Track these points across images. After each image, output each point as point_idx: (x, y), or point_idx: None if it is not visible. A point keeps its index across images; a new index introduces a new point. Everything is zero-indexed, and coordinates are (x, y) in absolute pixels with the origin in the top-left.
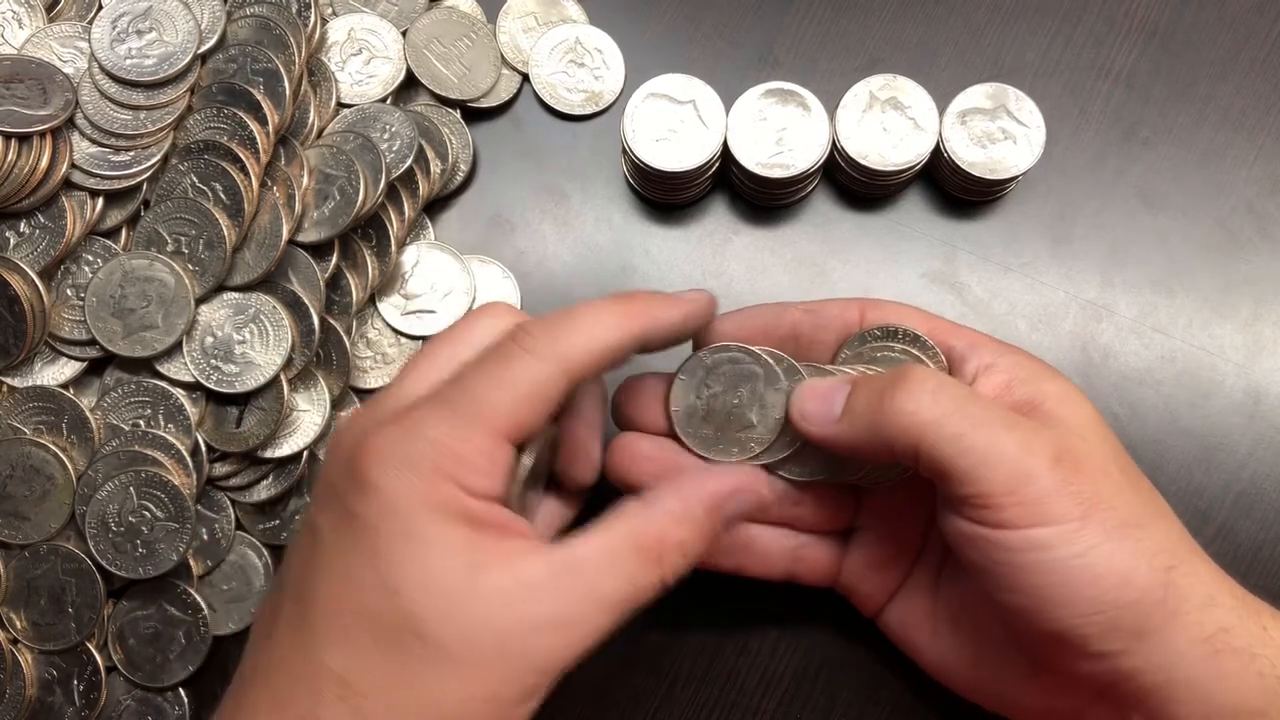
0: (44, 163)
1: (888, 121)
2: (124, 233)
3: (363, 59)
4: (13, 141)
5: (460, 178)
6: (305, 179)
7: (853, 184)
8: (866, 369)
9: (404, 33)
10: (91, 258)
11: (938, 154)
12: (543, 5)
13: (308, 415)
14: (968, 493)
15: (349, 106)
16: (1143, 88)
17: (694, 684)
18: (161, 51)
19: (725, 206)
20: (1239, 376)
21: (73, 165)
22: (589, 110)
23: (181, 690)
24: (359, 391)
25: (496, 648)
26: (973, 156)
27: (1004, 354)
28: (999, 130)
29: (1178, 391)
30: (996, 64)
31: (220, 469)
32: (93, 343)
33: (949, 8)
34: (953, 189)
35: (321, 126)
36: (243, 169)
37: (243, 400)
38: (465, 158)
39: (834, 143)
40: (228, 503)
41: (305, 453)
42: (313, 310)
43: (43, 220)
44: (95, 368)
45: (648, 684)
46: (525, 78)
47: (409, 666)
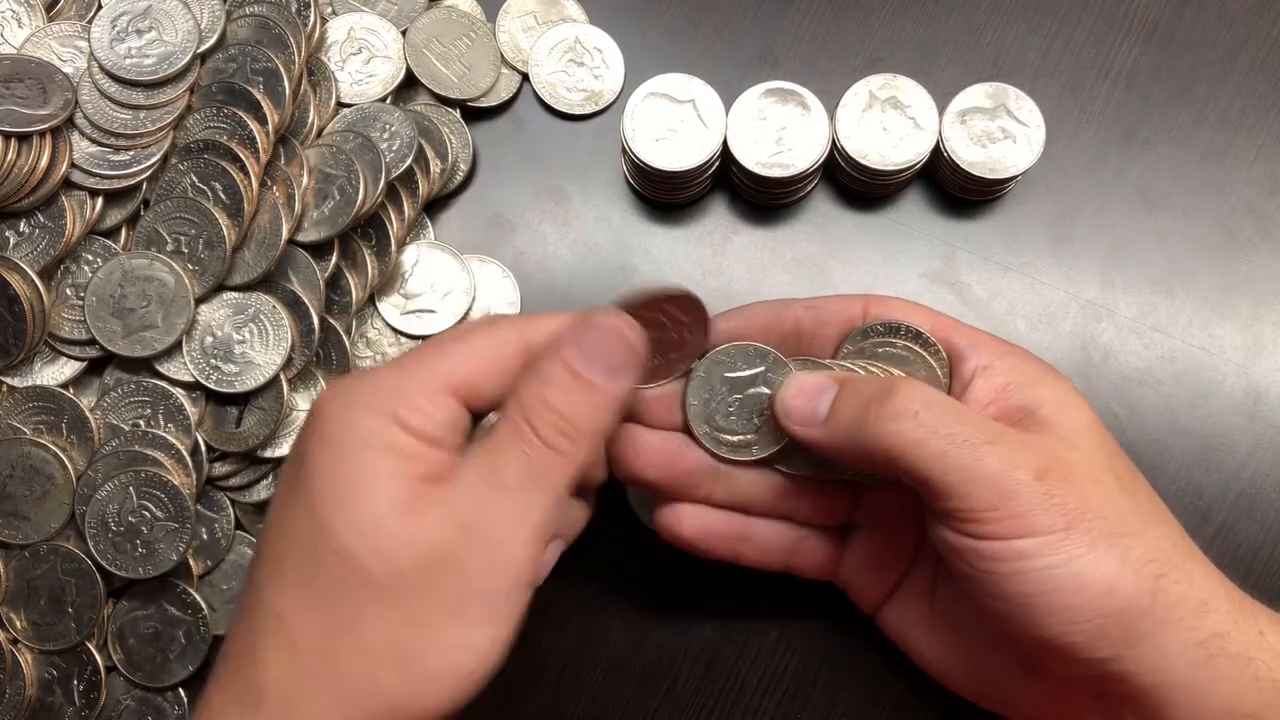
0: (44, 162)
1: (888, 121)
2: (124, 232)
3: (362, 58)
4: (13, 141)
5: (460, 177)
6: (305, 178)
7: (853, 183)
8: (868, 365)
9: (404, 32)
10: (91, 257)
11: (938, 153)
12: (542, 4)
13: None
14: (952, 507)
15: (349, 106)
16: (1143, 88)
17: (694, 684)
18: (161, 51)
19: (725, 206)
20: (1239, 376)
21: (72, 165)
22: (589, 110)
23: (181, 690)
24: None
25: (420, 576)
26: (973, 156)
27: (1004, 355)
28: (999, 130)
29: (1178, 391)
30: (996, 63)
31: (220, 469)
32: (93, 342)
33: (949, 8)
34: (953, 188)
35: (321, 126)
36: (242, 168)
37: (243, 400)
38: (465, 157)
39: (834, 142)
40: (228, 503)
41: None
42: (312, 310)
43: (42, 220)
44: (95, 367)
45: (648, 684)
46: (525, 77)
47: (333, 592)
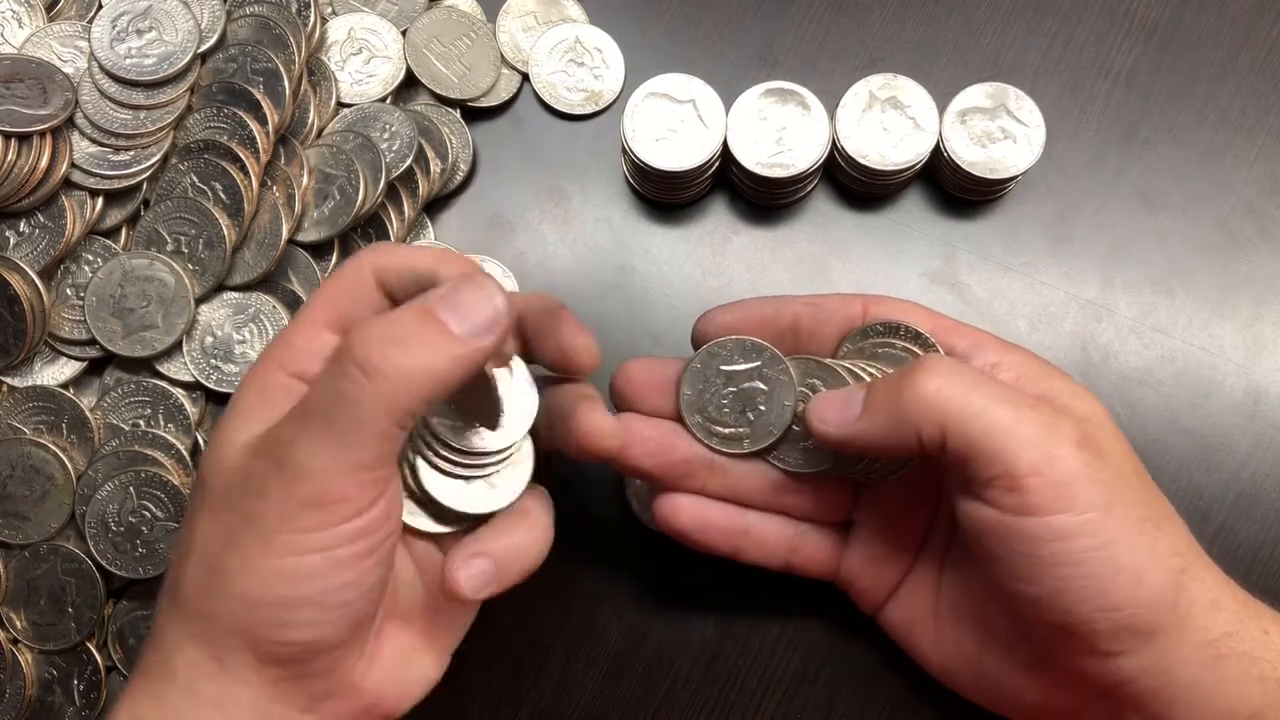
0: (44, 162)
1: (888, 121)
2: (124, 232)
3: (362, 58)
4: (13, 141)
5: (460, 177)
6: (305, 178)
7: (853, 183)
8: (867, 365)
9: (404, 32)
10: (91, 257)
11: (938, 153)
12: (542, 4)
13: None
14: (992, 474)
15: (349, 106)
16: (1143, 87)
17: (694, 684)
18: (161, 51)
19: (725, 206)
20: (1239, 376)
21: (73, 165)
22: (589, 110)
23: None
24: None
25: (232, 495)
26: (973, 156)
27: (1009, 353)
28: (999, 130)
29: (1178, 391)
30: (996, 63)
31: None
32: (93, 342)
33: (949, 8)
34: (953, 188)
35: (321, 126)
36: (243, 168)
37: None
38: (465, 157)
39: (834, 142)
40: None
41: None
42: None
43: (43, 220)
44: (95, 367)
45: (648, 684)
46: (525, 77)
47: (189, 514)
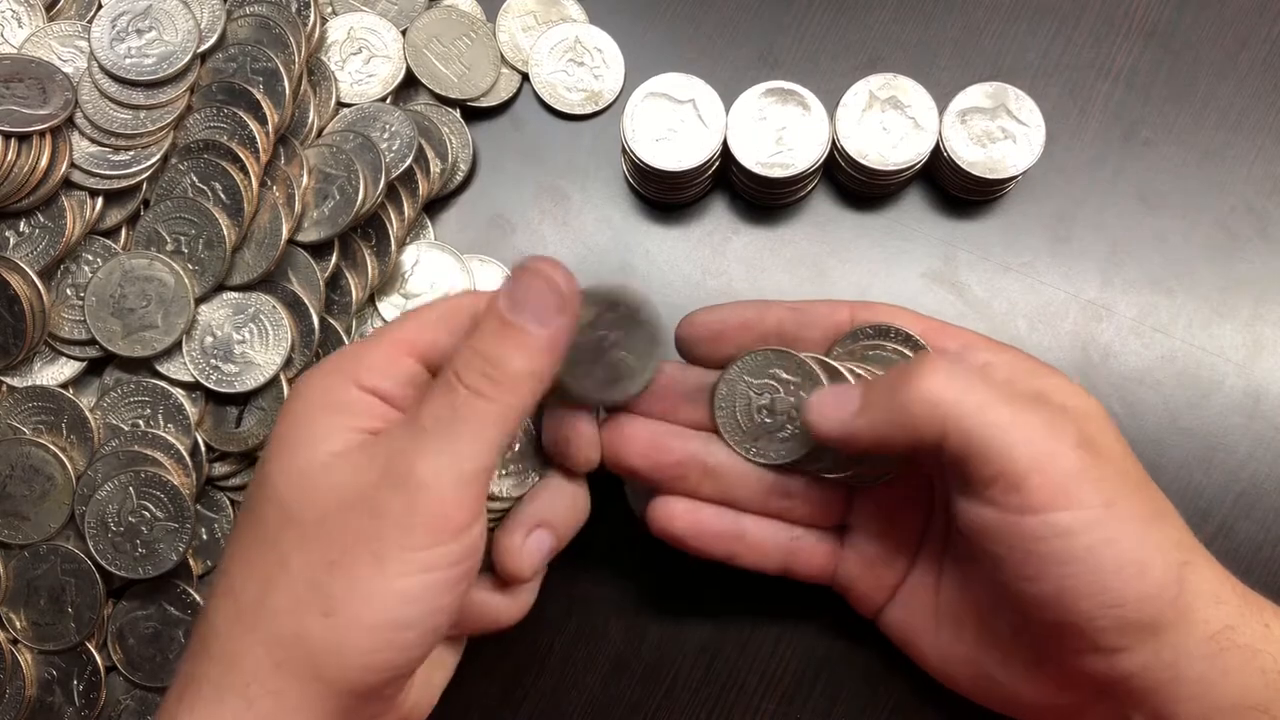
0: (44, 162)
1: (887, 121)
2: (124, 232)
3: (362, 58)
4: (13, 141)
5: (460, 177)
6: (305, 178)
7: (853, 183)
8: (855, 368)
9: (404, 32)
10: (91, 257)
11: (937, 153)
12: (542, 4)
13: None
14: (992, 472)
15: (349, 106)
16: (1143, 88)
17: (694, 685)
18: (161, 51)
19: (725, 206)
20: (1239, 376)
21: (72, 165)
22: (589, 110)
23: None
24: None
25: (339, 515)
26: (972, 156)
27: (1000, 353)
28: (999, 129)
29: (1178, 391)
30: (996, 63)
31: (220, 469)
32: (92, 342)
33: (949, 8)
34: (953, 188)
35: (321, 126)
36: (242, 168)
37: (242, 400)
38: (465, 157)
39: (834, 142)
40: (227, 503)
41: None
42: (312, 310)
43: (42, 220)
44: (95, 368)
45: (648, 685)
46: (525, 77)
47: (269, 541)
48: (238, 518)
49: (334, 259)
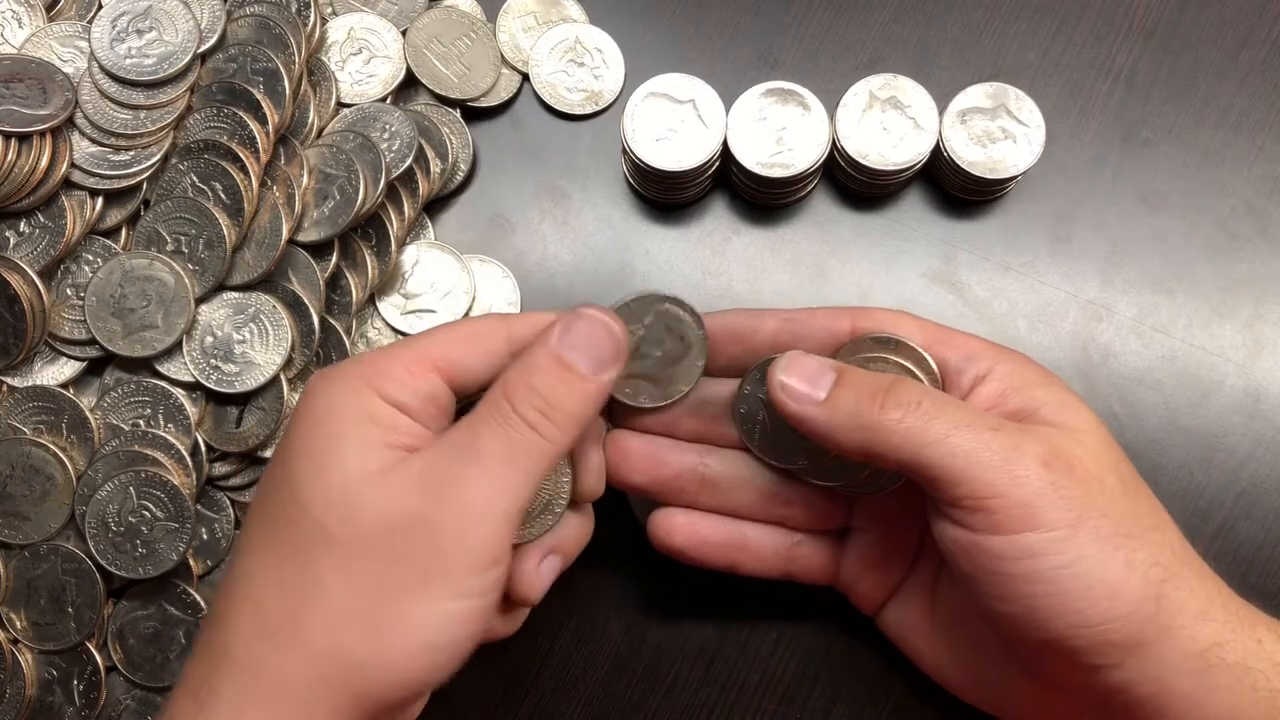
0: (44, 162)
1: (888, 121)
2: (124, 232)
3: (363, 58)
4: (13, 141)
5: (460, 177)
6: (305, 178)
7: (853, 184)
8: None
9: (404, 32)
10: (91, 257)
11: (938, 153)
12: (543, 5)
13: None
14: (957, 495)
15: (349, 106)
16: (1143, 88)
17: (694, 685)
18: (161, 51)
19: (725, 206)
20: (1239, 376)
21: (73, 165)
22: (589, 110)
23: None
24: None
25: (385, 538)
26: (973, 156)
27: (1000, 361)
28: (999, 130)
29: (1178, 391)
30: (996, 64)
31: (220, 469)
32: (93, 342)
33: (949, 8)
34: (953, 188)
35: (321, 126)
36: (243, 168)
37: (243, 400)
38: (465, 157)
39: (834, 142)
40: (227, 503)
41: None
42: (313, 310)
43: (43, 220)
44: (95, 367)
45: (648, 685)
46: (525, 77)
47: (300, 554)
48: (253, 518)
49: (334, 259)
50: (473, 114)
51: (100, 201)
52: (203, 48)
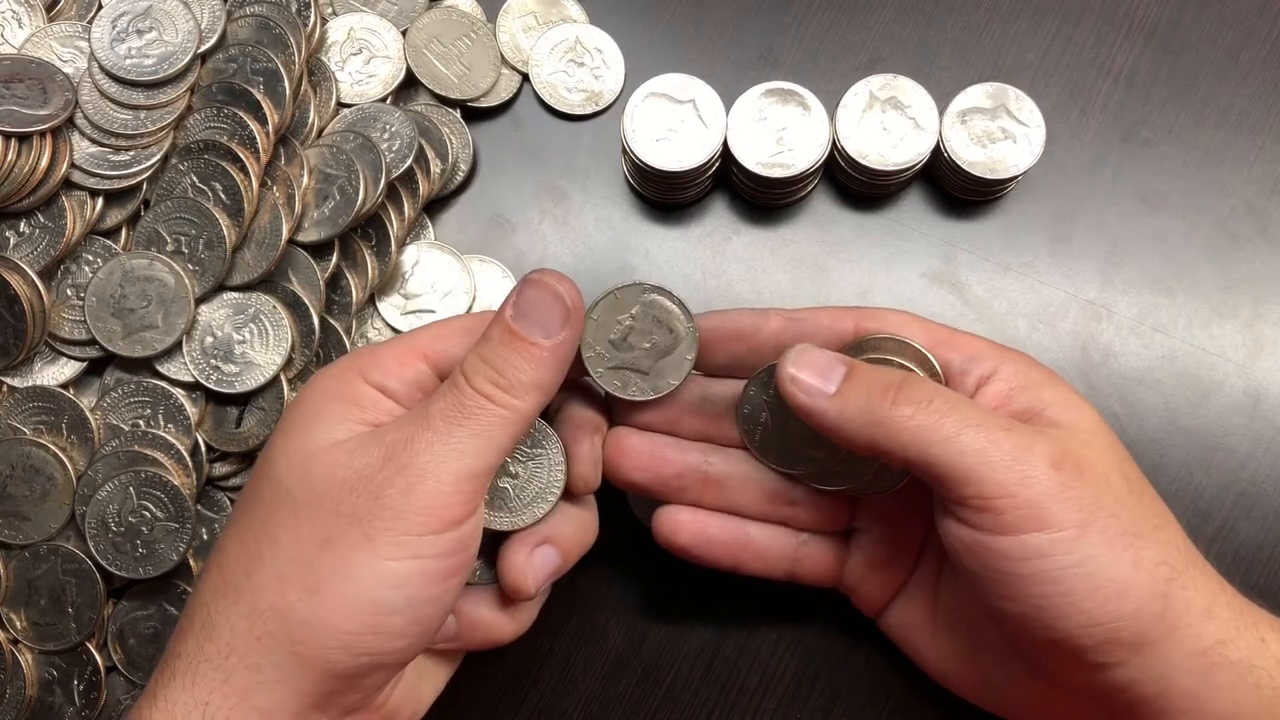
0: (44, 162)
1: (888, 121)
2: (124, 232)
3: (363, 59)
4: (13, 141)
5: (460, 177)
6: (305, 179)
7: (853, 184)
8: None
9: (404, 32)
10: (91, 257)
11: (938, 154)
12: (543, 5)
13: None
14: (965, 494)
15: (349, 106)
16: (1143, 88)
17: (694, 685)
18: (161, 51)
19: (725, 206)
20: (1239, 376)
21: (73, 165)
22: (589, 110)
23: None
24: None
25: (336, 495)
26: (973, 156)
27: (1005, 361)
28: (999, 130)
29: (1178, 391)
30: (996, 64)
31: (220, 469)
32: (93, 343)
33: (949, 8)
34: (953, 189)
35: (321, 126)
36: (243, 169)
37: (243, 400)
38: (465, 157)
39: (834, 142)
40: (228, 503)
41: None
42: (313, 310)
43: (43, 220)
44: (95, 368)
45: (648, 685)
46: (525, 77)
47: (262, 518)
48: (238, 500)
49: (334, 259)
50: (473, 114)
51: (100, 201)
52: (203, 48)
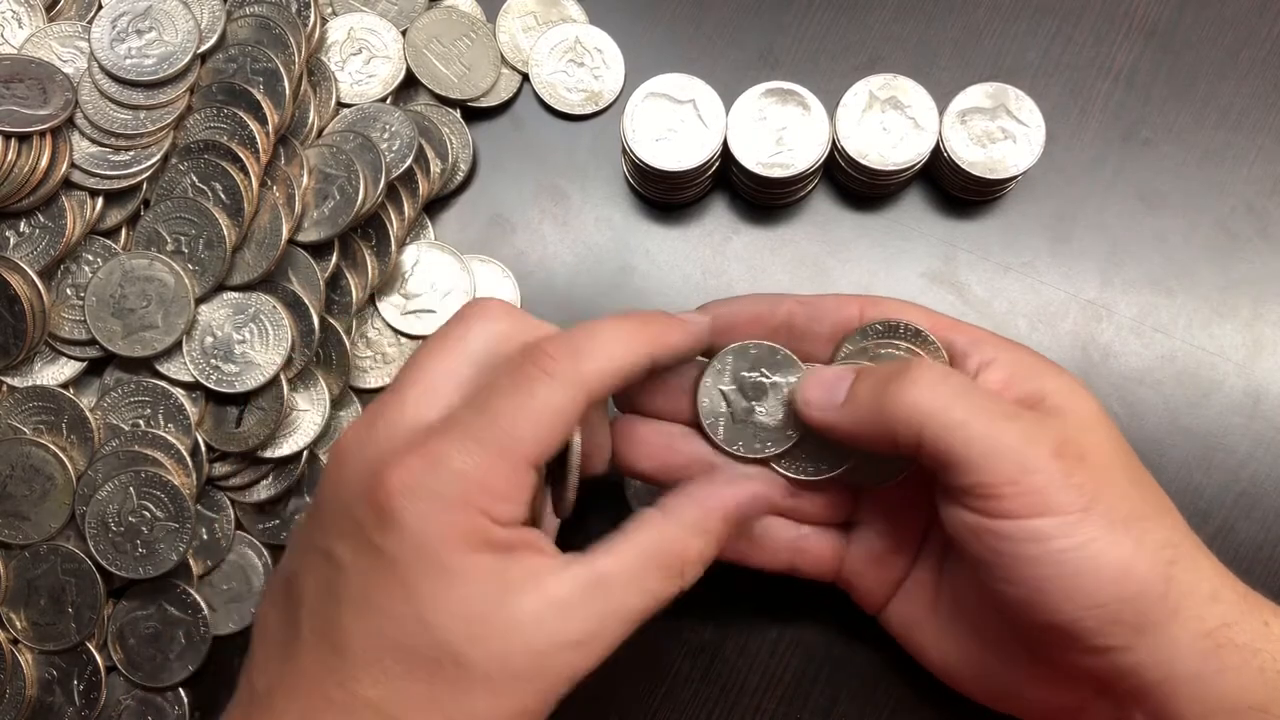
0: (44, 162)
1: (888, 121)
2: (124, 232)
3: (362, 58)
4: (13, 141)
5: (460, 177)
6: (305, 179)
7: (853, 183)
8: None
9: (404, 32)
10: (91, 257)
11: (938, 153)
12: (543, 4)
13: (308, 415)
14: (969, 482)
15: (349, 106)
16: (1143, 87)
17: (694, 684)
18: (161, 51)
19: (725, 206)
20: (1239, 376)
21: (73, 165)
22: (589, 110)
23: (181, 690)
24: (359, 391)
25: (530, 667)
26: (972, 156)
27: (1005, 349)
28: (999, 130)
29: (1178, 391)
30: (996, 63)
31: (220, 469)
32: (93, 342)
33: (949, 7)
34: (953, 188)
35: (321, 126)
36: (243, 169)
37: (243, 400)
38: (465, 157)
39: (834, 142)
40: (228, 502)
41: (305, 452)
42: (312, 310)
43: (43, 220)
44: (95, 368)
45: (648, 684)
46: (525, 77)
47: (443, 690)
48: (362, 616)
49: (334, 259)
50: (473, 114)
51: (100, 201)
52: (203, 48)
